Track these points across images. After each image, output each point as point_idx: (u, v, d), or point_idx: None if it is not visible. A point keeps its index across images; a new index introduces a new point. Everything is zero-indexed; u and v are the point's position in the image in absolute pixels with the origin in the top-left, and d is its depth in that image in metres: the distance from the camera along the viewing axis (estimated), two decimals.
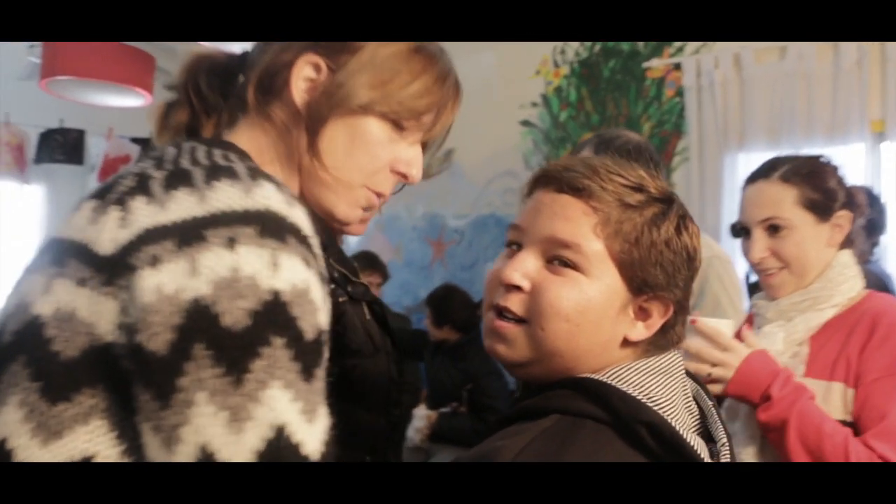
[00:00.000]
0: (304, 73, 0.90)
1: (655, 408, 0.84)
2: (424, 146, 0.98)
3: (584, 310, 0.88)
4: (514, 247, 0.94)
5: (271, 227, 0.69)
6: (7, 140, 5.14)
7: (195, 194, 0.70)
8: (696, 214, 3.51)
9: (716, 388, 1.39)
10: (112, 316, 0.68)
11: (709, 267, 2.19)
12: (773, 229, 1.48)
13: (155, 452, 0.66)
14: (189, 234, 0.67)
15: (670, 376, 0.91)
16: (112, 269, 0.68)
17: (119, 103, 4.57)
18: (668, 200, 0.93)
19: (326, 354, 0.73)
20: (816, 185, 1.46)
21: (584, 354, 0.89)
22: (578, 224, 0.89)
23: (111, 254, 0.69)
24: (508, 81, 4.41)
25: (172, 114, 0.93)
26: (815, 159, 1.52)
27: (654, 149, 2.36)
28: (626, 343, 0.91)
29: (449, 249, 4.81)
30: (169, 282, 0.66)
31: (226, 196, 0.70)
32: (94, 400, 0.68)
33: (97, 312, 0.68)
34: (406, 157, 0.94)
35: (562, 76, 4.19)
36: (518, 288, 0.90)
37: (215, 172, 0.73)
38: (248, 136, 0.91)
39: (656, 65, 3.85)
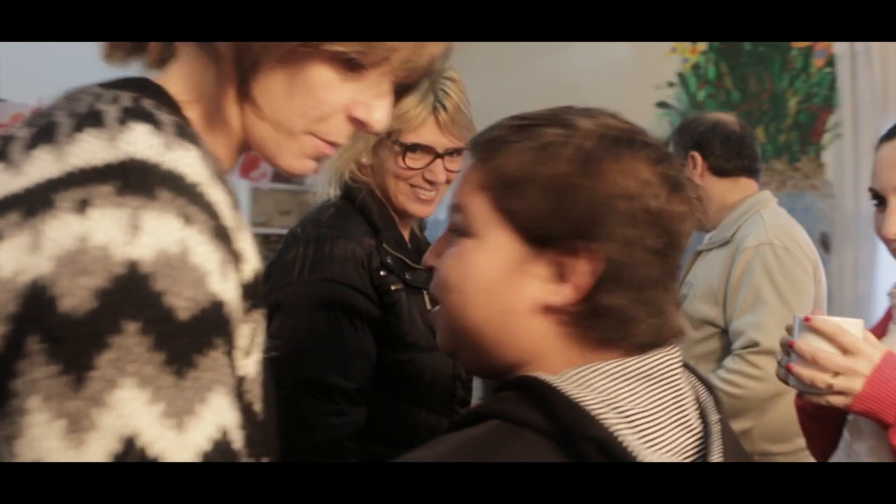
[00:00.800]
0: None
1: (624, 421, 0.68)
2: (406, 87, 0.80)
3: (469, 275, 0.75)
4: None
5: (134, 181, 0.56)
6: None
7: (53, 151, 0.58)
8: (851, 196, 3.25)
9: (838, 402, 1.12)
10: None
11: (755, 255, 2.06)
12: None
13: None
14: (36, 201, 0.56)
15: (654, 382, 0.74)
16: None
17: None
18: (570, 126, 0.76)
19: (235, 325, 0.60)
20: None
21: (491, 330, 0.75)
22: (465, 182, 0.78)
23: None
24: (643, 61, 4.21)
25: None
26: None
27: (732, 128, 2.30)
28: (551, 311, 0.74)
29: None
30: (7, 262, 0.55)
31: (85, 149, 0.58)
32: None
33: None
34: (366, 99, 0.74)
35: (699, 52, 3.95)
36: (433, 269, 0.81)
37: (83, 121, 0.60)
38: (187, 70, 0.73)
39: None
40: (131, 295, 0.53)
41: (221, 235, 0.60)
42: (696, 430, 0.76)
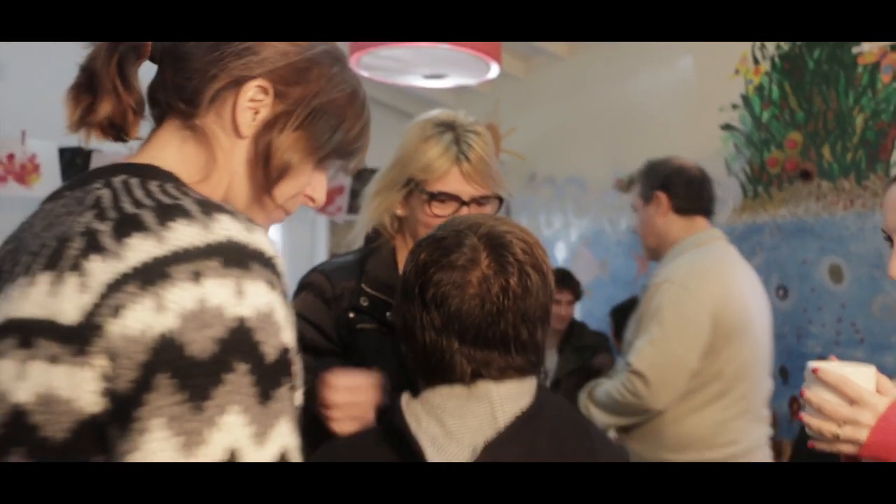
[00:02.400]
0: (251, 94, 0.90)
1: None
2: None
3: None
4: None
5: (234, 257, 0.73)
6: None
7: (151, 237, 0.72)
8: None
9: (846, 450, 1.15)
10: (92, 385, 0.69)
11: (657, 290, 2.48)
12: None
13: None
14: (152, 274, 0.69)
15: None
16: (81, 338, 0.69)
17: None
18: None
19: (294, 367, 0.76)
20: None
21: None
22: None
23: (77, 322, 0.69)
24: (707, 84, 4.19)
25: (97, 106, 0.89)
26: None
27: (694, 173, 2.80)
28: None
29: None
30: (134, 323, 0.68)
31: (185, 235, 0.72)
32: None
33: (76, 386, 0.69)
34: (316, 183, 0.99)
35: (762, 73, 3.90)
36: None
37: (167, 212, 0.75)
38: (180, 153, 0.90)
39: (869, 48, 3.48)
40: (241, 343, 0.70)
41: (286, 296, 0.77)
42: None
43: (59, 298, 0.71)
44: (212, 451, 0.67)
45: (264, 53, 0.89)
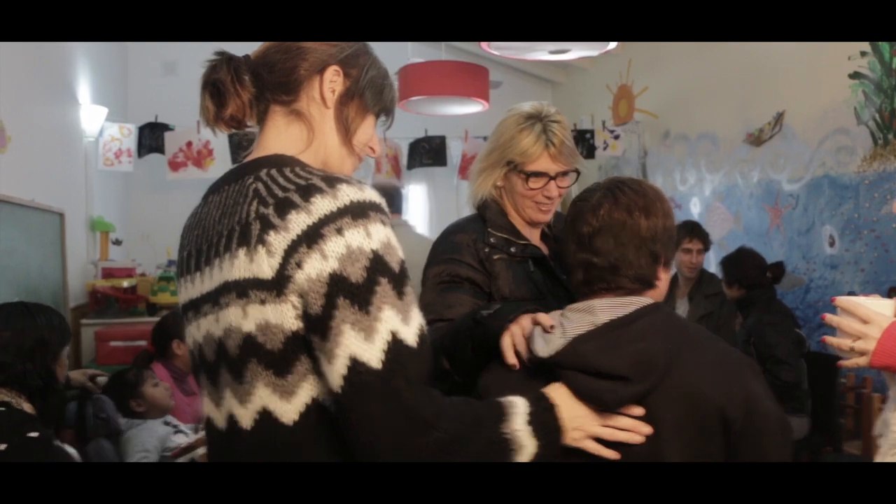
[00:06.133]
0: (330, 77, 1.23)
1: None
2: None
3: None
4: None
5: (357, 212, 1.05)
6: (386, 152, 6.06)
7: (303, 212, 1.04)
8: None
9: (861, 361, 1.38)
10: (291, 313, 1.04)
11: None
12: None
13: (324, 368, 1.03)
14: (312, 236, 1.02)
15: None
16: (279, 286, 1.04)
17: (464, 111, 5.19)
18: None
19: (406, 271, 1.09)
20: None
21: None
22: None
23: (272, 276, 1.04)
24: None
25: (225, 106, 1.20)
26: None
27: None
28: None
29: (785, 214, 4.70)
30: (311, 271, 1.02)
31: (324, 205, 1.05)
32: (305, 365, 1.07)
33: (281, 315, 1.04)
34: (375, 137, 1.32)
35: None
36: None
37: (307, 191, 1.06)
38: (288, 132, 1.23)
39: None
40: (379, 265, 1.03)
41: (391, 225, 1.10)
42: None
43: (256, 263, 1.05)
44: (381, 335, 1.01)
45: (331, 50, 1.23)
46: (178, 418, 3.07)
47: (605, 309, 1.28)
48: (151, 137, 5.37)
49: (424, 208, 7.43)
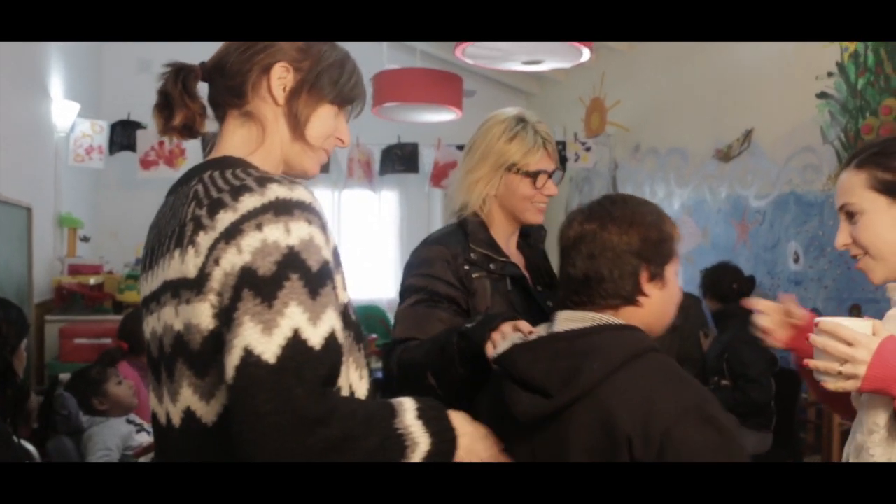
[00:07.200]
0: (278, 74, 1.21)
1: None
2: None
3: None
4: None
5: (281, 208, 1.05)
6: (358, 157, 6.07)
7: (230, 210, 1.04)
8: None
9: (848, 385, 1.30)
10: (209, 312, 1.05)
11: None
12: (850, 216, 1.44)
13: (224, 360, 1.00)
14: (233, 232, 1.03)
15: None
16: (199, 284, 1.05)
17: (437, 119, 5.21)
18: None
19: (334, 274, 1.09)
20: (887, 165, 1.39)
21: None
22: None
23: (195, 275, 1.06)
24: (803, 53, 4.28)
25: (174, 117, 1.22)
26: (891, 141, 1.43)
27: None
28: None
29: (752, 230, 4.77)
30: (225, 265, 1.02)
31: (250, 202, 1.05)
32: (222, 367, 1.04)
33: (200, 314, 1.06)
34: (341, 128, 1.29)
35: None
36: None
37: (237, 191, 1.07)
38: (238, 134, 1.23)
39: None
40: (292, 261, 1.02)
41: (323, 227, 1.09)
42: None
43: (185, 263, 1.06)
44: (282, 330, 0.98)
45: (278, 45, 1.21)
46: (142, 417, 3.05)
47: (564, 321, 1.29)
48: (123, 135, 5.33)
49: (396, 214, 7.49)
